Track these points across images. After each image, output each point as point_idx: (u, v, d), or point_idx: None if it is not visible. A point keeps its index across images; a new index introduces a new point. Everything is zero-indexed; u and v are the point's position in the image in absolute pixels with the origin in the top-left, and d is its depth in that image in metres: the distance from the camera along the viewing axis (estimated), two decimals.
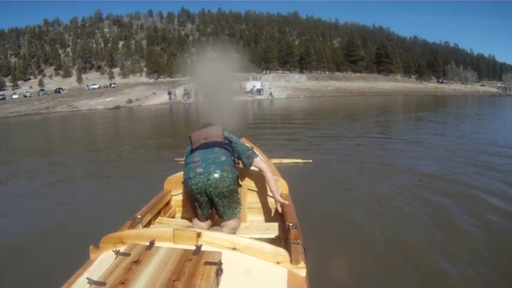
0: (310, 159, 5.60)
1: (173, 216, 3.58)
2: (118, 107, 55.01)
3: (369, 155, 10.30)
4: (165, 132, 19.58)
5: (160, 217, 3.33)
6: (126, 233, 2.25)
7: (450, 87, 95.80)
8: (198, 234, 2.08)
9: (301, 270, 1.97)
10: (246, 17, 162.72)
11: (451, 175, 7.76)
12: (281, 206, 3.15)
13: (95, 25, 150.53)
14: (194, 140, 3.00)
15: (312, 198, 5.95)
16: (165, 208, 3.48)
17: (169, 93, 61.18)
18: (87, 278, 1.70)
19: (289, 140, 13.41)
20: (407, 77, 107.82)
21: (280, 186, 3.48)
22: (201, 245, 2.00)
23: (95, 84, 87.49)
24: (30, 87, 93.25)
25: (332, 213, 5.66)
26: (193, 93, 51.50)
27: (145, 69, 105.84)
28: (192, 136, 3.06)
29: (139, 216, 2.79)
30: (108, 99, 63.19)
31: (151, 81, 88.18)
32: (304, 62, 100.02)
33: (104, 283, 1.65)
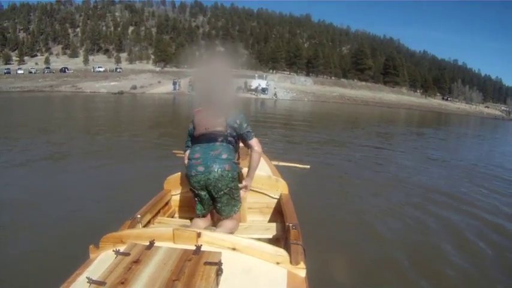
0: (308, 165, 5.61)
1: (173, 216, 3.58)
2: (122, 93, 54.72)
3: (368, 164, 10.33)
4: (166, 122, 19.50)
5: (160, 217, 3.32)
6: (126, 232, 2.24)
7: (454, 106, 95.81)
8: (198, 234, 2.08)
9: (301, 271, 1.97)
10: (258, 14, 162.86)
11: (444, 187, 8.08)
12: (281, 206, 3.20)
13: (106, 8, 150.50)
14: (196, 123, 2.94)
15: (311, 199, 5.98)
16: (165, 208, 3.48)
17: (174, 83, 60.80)
18: (87, 277, 1.70)
19: (289, 142, 13.46)
20: (412, 91, 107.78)
21: (280, 186, 3.54)
22: (201, 245, 2.00)
23: (100, 67, 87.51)
24: (36, 64, 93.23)
25: (332, 214, 5.71)
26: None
27: (152, 57, 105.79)
28: (195, 116, 2.99)
29: (139, 216, 2.78)
30: (112, 83, 63.00)
31: (157, 69, 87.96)
32: (312, 65, 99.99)
33: (104, 283, 1.65)
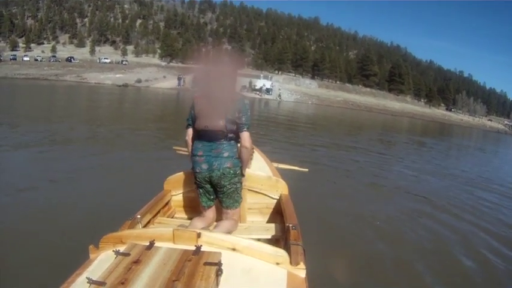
0: (306, 169, 5.63)
1: (173, 216, 3.56)
2: (126, 85, 54.83)
3: (369, 169, 10.40)
4: (168, 118, 19.53)
5: (160, 217, 3.31)
6: (126, 232, 2.24)
7: (457, 117, 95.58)
8: (198, 235, 2.08)
9: (301, 271, 1.97)
10: (267, 14, 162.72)
11: (443, 195, 8.20)
12: (281, 206, 3.21)
13: None
14: (197, 112, 2.88)
15: (311, 200, 6.03)
16: (165, 208, 3.46)
17: (179, 79, 60.84)
18: (87, 277, 1.70)
19: (291, 144, 13.47)
20: (416, 100, 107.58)
21: (280, 187, 3.52)
22: (201, 246, 2.00)
23: (106, 58, 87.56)
24: (43, 52, 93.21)
25: (331, 215, 5.75)
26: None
27: (159, 51, 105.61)
28: (195, 103, 2.91)
29: (139, 216, 2.76)
30: (117, 75, 63.09)
31: (163, 64, 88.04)
32: (317, 68, 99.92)
33: (104, 283, 1.65)
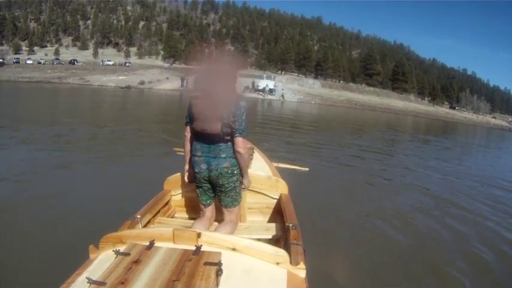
0: (307, 168, 5.62)
1: (173, 216, 3.57)
2: (129, 87, 54.96)
3: (371, 168, 10.38)
4: (169, 120, 19.48)
5: (160, 217, 3.32)
6: (126, 232, 2.24)
7: (461, 115, 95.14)
8: (198, 235, 2.08)
9: (301, 271, 1.97)
10: (270, 15, 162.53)
11: (446, 194, 8.13)
12: (281, 206, 3.22)
13: (118, 1, 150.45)
14: (194, 113, 2.86)
15: (311, 199, 6.01)
16: (165, 208, 3.47)
17: (182, 80, 60.84)
18: (87, 277, 1.70)
19: (293, 144, 13.49)
20: (420, 98, 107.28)
21: (280, 186, 3.54)
22: (201, 245, 2.00)
23: (109, 60, 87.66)
24: (46, 55, 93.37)
25: (331, 215, 5.73)
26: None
27: (162, 53, 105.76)
28: (193, 104, 2.88)
29: (139, 216, 2.78)
30: (120, 77, 63.26)
31: (166, 65, 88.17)
32: (321, 68, 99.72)
33: (104, 283, 1.65)
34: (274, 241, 2.89)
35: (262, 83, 64.10)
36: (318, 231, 4.55)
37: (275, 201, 3.54)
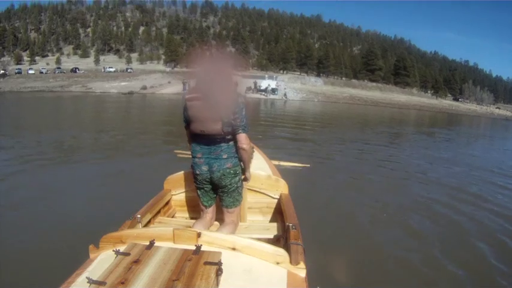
0: (308, 164, 5.62)
1: (173, 216, 3.57)
2: (131, 93, 55.18)
3: (373, 163, 10.31)
4: (171, 123, 19.56)
5: (160, 217, 3.32)
6: (126, 232, 2.24)
7: (465, 106, 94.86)
8: (198, 234, 2.08)
9: (301, 271, 1.97)
10: (269, 15, 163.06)
11: (452, 184, 8.31)
12: (281, 206, 3.20)
13: (117, 8, 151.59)
14: (191, 115, 2.79)
15: (311, 199, 5.98)
16: (165, 208, 3.47)
17: (183, 84, 60.95)
18: (87, 277, 1.69)
19: (296, 141, 13.51)
20: (423, 92, 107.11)
21: (280, 186, 3.52)
22: (201, 245, 2.00)
23: (111, 67, 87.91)
24: (47, 64, 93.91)
25: (331, 214, 5.70)
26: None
27: (163, 57, 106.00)
28: (188, 107, 2.79)
29: (139, 216, 2.78)
30: (122, 83, 63.50)
31: (167, 69, 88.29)
32: (322, 65, 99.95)
33: (104, 283, 1.65)
34: (274, 241, 2.88)
35: (264, 83, 64.29)
36: (318, 231, 4.52)
37: (275, 200, 3.54)
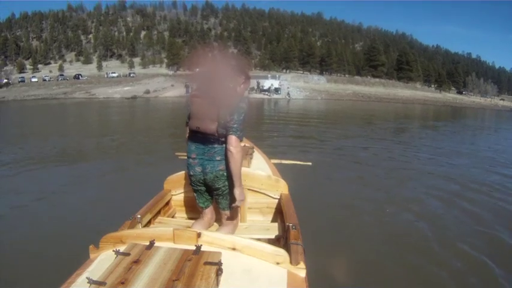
0: (309, 162, 5.59)
1: (173, 216, 3.57)
2: (135, 97, 55.43)
3: (374, 160, 10.28)
4: (173, 125, 19.62)
5: (160, 217, 3.32)
6: (126, 232, 2.24)
7: (469, 99, 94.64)
8: (198, 234, 2.08)
9: (301, 271, 1.96)
10: (270, 14, 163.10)
11: (457, 179, 8.23)
12: (281, 206, 3.19)
13: (118, 13, 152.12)
14: (192, 112, 2.82)
15: (312, 199, 5.94)
16: (165, 208, 3.47)
17: (186, 87, 61.12)
18: (87, 277, 1.69)
19: (299, 139, 13.54)
20: (426, 86, 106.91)
21: (280, 186, 3.50)
22: (201, 245, 1.99)
23: (114, 72, 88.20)
24: (50, 72, 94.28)
25: (332, 214, 5.67)
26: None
27: (165, 61, 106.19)
28: (192, 103, 2.81)
29: (139, 216, 2.79)
30: (126, 88, 63.76)
31: (170, 73, 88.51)
32: (325, 63, 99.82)
33: (104, 283, 1.65)
34: (274, 241, 2.89)
35: (267, 83, 64.22)
36: (318, 231, 4.50)
37: (275, 200, 3.53)
